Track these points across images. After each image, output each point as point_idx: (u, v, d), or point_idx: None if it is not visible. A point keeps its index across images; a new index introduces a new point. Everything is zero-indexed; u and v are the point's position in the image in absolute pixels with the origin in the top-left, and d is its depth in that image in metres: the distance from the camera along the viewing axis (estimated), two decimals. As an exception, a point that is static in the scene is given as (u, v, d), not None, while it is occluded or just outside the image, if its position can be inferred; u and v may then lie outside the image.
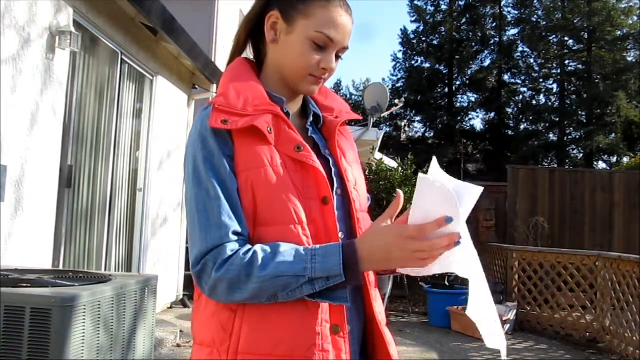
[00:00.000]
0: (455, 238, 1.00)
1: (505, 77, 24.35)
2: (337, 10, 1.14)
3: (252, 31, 1.23)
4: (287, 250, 1.04)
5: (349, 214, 1.17)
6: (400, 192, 1.07)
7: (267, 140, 1.10)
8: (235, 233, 1.05)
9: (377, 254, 1.03)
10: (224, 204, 1.06)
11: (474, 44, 24.49)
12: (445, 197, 1.00)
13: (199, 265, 1.05)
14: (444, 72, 24.89)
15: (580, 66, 22.32)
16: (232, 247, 1.04)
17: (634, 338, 5.17)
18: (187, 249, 6.66)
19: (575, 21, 21.60)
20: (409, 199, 1.05)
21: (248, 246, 1.05)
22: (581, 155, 22.31)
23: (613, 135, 20.71)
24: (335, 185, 1.16)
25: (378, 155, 9.11)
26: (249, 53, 1.27)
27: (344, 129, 1.29)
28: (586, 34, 21.66)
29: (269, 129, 1.10)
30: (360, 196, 1.21)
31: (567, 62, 22.75)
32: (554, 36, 22.66)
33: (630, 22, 21.09)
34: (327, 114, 1.27)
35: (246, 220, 1.08)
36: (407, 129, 24.62)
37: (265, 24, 1.18)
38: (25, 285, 2.21)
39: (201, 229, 1.06)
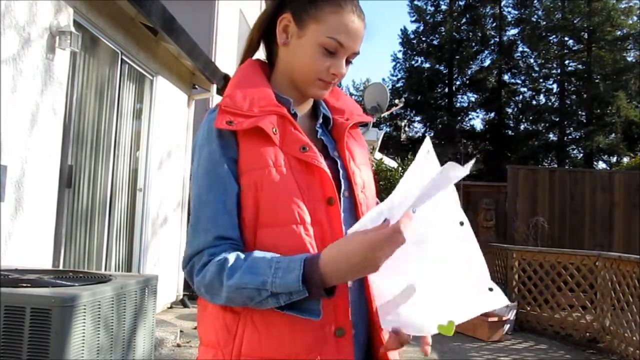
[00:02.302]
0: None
1: (505, 77, 24.36)
2: (349, 15, 1.12)
3: (265, 32, 1.23)
4: (255, 260, 1.02)
5: (356, 217, 1.15)
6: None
7: (272, 141, 1.09)
8: (219, 237, 1.06)
9: (344, 263, 0.97)
10: (214, 208, 1.07)
11: (474, 44, 24.50)
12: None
13: (187, 267, 1.09)
14: (444, 72, 24.90)
15: (580, 66, 22.33)
16: (211, 252, 1.05)
17: (634, 338, 5.17)
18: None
19: (575, 21, 21.60)
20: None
21: (224, 253, 1.05)
22: (581, 155, 22.32)
23: (613, 135, 20.72)
24: (343, 187, 1.15)
25: (378, 155, 9.12)
26: (261, 54, 1.27)
27: (355, 131, 1.28)
28: (586, 34, 21.66)
29: (274, 129, 1.10)
30: (368, 199, 1.20)
31: (567, 62, 22.76)
32: (554, 36, 22.67)
33: (630, 22, 21.10)
34: (337, 115, 1.26)
35: (247, 222, 1.09)
36: (407, 129, 24.61)
37: (277, 26, 1.18)
38: (25, 285, 2.21)
39: (191, 231, 1.10)
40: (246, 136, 1.10)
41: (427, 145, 1.02)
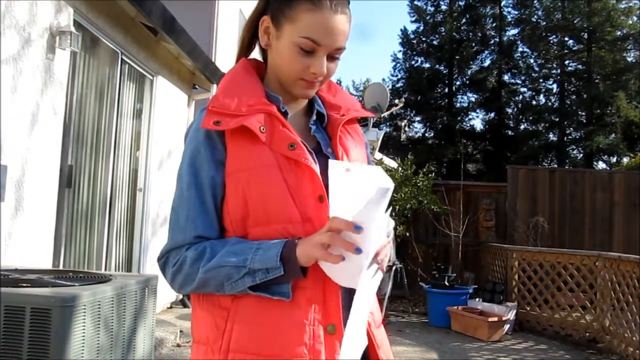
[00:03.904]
0: (351, 247, 0.99)
1: (505, 77, 24.32)
2: (325, 12, 1.10)
3: (255, 34, 1.23)
4: (235, 244, 1.08)
5: None
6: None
7: (260, 140, 1.09)
8: (198, 237, 1.10)
9: (308, 241, 1.04)
10: (192, 207, 1.11)
11: (474, 44, 24.46)
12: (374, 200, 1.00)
13: (162, 260, 1.14)
14: (444, 72, 24.87)
15: (580, 66, 22.31)
16: (188, 247, 1.11)
17: (634, 338, 5.17)
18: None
19: (575, 21, 21.58)
20: (408, 199, 1.04)
21: (202, 243, 1.10)
22: (581, 155, 22.29)
23: (613, 135, 20.69)
24: None
25: (378, 155, 9.12)
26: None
27: (353, 127, 1.27)
28: (586, 34, 21.64)
29: (261, 128, 1.10)
30: None
31: (567, 62, 22.73)
32: (554, 36, 22.65)
33: (630, 22, 21.07)
34: (333, 112, 1.25)
35: (238, 221, 1.10)
36: (407, 129, 24.58)
37: (259, 28, 1.18)
38: (25, 285, 2.21)
39: (170, 228, 1.14)
40: (234, 136, 1.10)
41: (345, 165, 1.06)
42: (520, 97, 24.18)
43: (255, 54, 1.28)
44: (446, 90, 24.93)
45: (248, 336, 1.05)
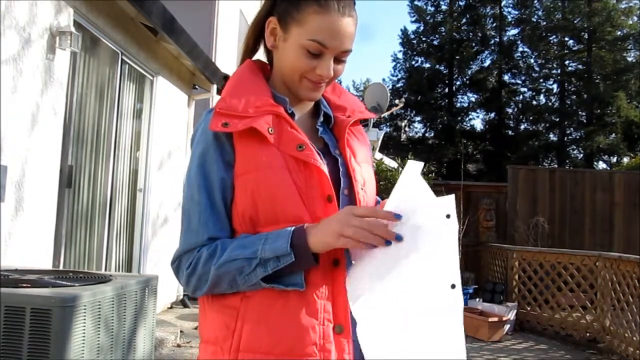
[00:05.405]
0: (391, 236, 1.01)
1: (505, 77, 24.34)
2: (332, 15, 1.10)
3: (260, 35, 1.23)
4: (245, 238, 1.08)
5: None
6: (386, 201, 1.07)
7: (268, 141, 1.09)
8: (210, 239, 1.10)
9: (322, 228, 1.04)
10: (204, 209, 1.11)
11: (474, 44, 24.48)
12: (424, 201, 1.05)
13: (175, 264, 1.15)
14: (444, 72, 24.89)
15: (580, 66, 22.33)
16: (200, 249, 1.11)
17: (634, 338, 5.17)
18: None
19: (575, 21, 21.60)
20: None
21: (214, 243, 1.10)
22: (581, 155, 22.31)
23: (613, 135, 20.71)
24: (342, 185, 1.15)
25: (378, 155, 9.12)
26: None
27: (357, 128, 1.28)
28: (586, 34, 21.66)
29: (269, 129, 1.10)
30: (368, 196, 1.20)
31: (567, 62, 22.76)
32: (554, 36, 22.67)
33: (630, 22, 21.11)
34: (339, 113, 1.25)
35: (247, 222, 1.10)
36: (407, 129, 24.62)
37: (265, 30, 1.18)
38: (25, 285, 2.21)
39: (182, 231, 1.14)
40: (242, 137, 1.10)
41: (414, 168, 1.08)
42: (520, 97, 24.21)
43: (259, 55, 1.28)
44: (446, 90, 24.94)
45: (259, 335, 1.05)
